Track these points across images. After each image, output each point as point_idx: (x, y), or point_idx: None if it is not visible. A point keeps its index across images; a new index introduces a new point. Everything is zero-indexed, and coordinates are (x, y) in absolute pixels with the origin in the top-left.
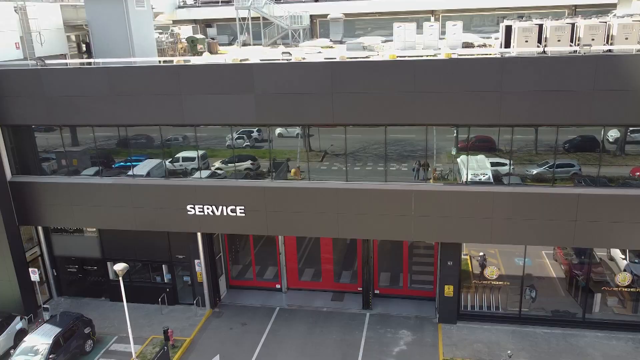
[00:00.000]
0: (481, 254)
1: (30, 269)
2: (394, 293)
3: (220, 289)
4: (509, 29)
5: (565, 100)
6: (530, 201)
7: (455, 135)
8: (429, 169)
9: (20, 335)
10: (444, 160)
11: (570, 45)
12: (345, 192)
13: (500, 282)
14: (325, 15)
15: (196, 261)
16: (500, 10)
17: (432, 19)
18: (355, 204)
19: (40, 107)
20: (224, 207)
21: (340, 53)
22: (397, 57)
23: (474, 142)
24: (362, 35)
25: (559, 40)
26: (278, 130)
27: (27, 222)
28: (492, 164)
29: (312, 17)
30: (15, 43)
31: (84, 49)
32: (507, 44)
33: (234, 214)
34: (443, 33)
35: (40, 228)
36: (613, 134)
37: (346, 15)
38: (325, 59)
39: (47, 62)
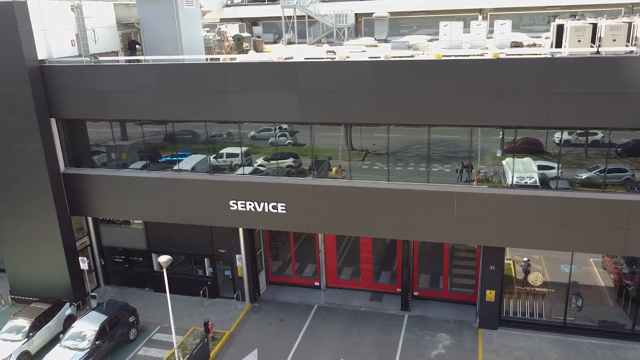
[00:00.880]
0: (525, 259)
1: (80, 258)
2: (434, 295)
3: (260, 284)
4: (560, 28)
5: (620, 103)
6: (579, 207)
7: (500, 136)
8: (473, 171)
9: (69, 320)
10: (489, 162)
11: (627, 46)
12: (386, 192)
13: (544, 289)
14: (371, 14)
15: (237, 256)
16: (551, 9)
17: (480, 17)
18: (396, 204)
19: (93, 102)
20: (266, 204)
21: (384, 52)
22: (443, 56)
23: (521, 144)
24: (408, 34)
25: (614, 40)
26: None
27: (78, 213)
28: (539, 167)
29: (357, 16)
30: (71, 40)
31: (129, 46)
32: (559, 44)
33: (275, 211)
34: (491, 32)
35: (90, 219)
36: None
37: (391, 13)
38: (370, 57)
39: (100, 59)
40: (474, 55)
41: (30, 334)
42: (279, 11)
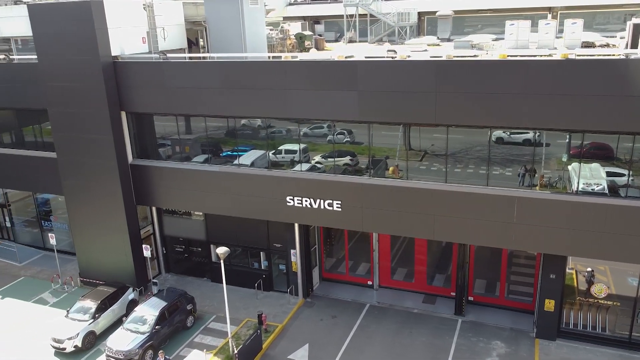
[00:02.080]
0: (589, 269)
1: (143, 246)
2: (489, 302)
3: (314, 280)
4: (637, 28)
5: None
6: None
7: (567, 140)
8: (536, 175)
9: (131, 305)
10: (553, 167)
11: None
12: (444, 193)
13: (609, 302)
14: (434, 12)
15: (292, 251)
16: (628, 7)
17: (549, 16)
18: (454, 207)
19: (161, 97)
20: (322, 201)
21: (446, 51)
22: (508, 56)
23: (589, 149)
24: (472, 33)
25: None
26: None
27: (143, 202)
28: (608, 174)
29: (420, 14)
30: (142, 38)
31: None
32: (635, 44)
33: (331, 208)
34: (560, 32)
35: (154, 208)
36: None
37: (455, 12)
38: (431, 57)
39: (169, 55)
40: (541, 56)
41: (96, 315)
42: (342, 10)
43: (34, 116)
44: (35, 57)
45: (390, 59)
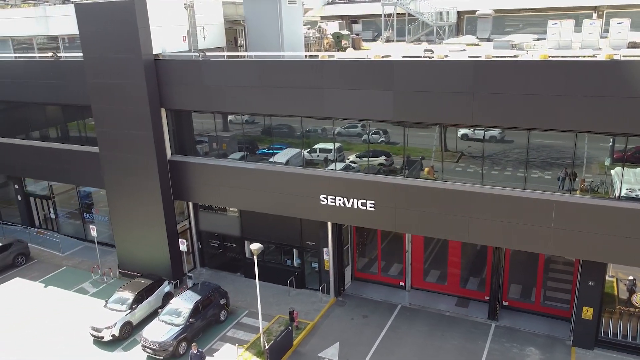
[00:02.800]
0: (630, 277)
1: (179, 240)
2: (524, 307)
3: (345, 279)
4: None
5: None
6: None
7: (610, 144)
8: (577, 179)
9: (167, 297)
10: (595, 171)
11: None
12: (480, 195)
13: None
14: (474, 12)
15: (325, 249)
16: None
17: (595, 15)
18: (489, 209)
19: (199, 94)
20: (355, 200)
21: (486, 51)
22: (550, 57)
23: (634, 153)
24: (512, 33)
25: None
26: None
27: (180, 198)
28: None
29: (459, 14)
30: (183, 36)
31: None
32: None
33: (364, 208)
34: (606, 31)
35: (190, 204)
36: None
37: (496, 11)
38: (469, 57)
39: (208, 54)
40: (584, 57)
41: (133, 306)
42: (379, 9)
43: (79, 112)
44: (81, 54)
45: (428, 58)
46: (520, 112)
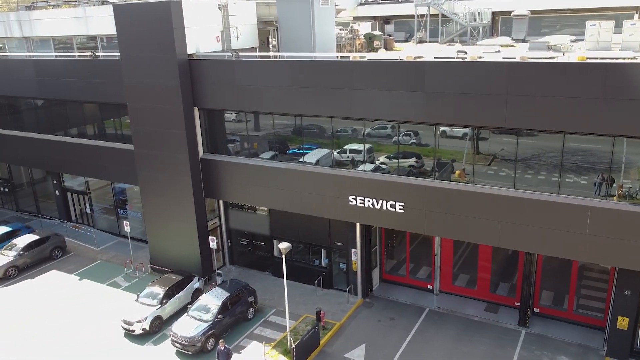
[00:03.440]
0: None
1: (210, 237)
2: (556, 315)
3: (373, 280)
4: None
5: None
6: None
7: None
8: (614, 185)
9: (196, 293)
10: (634, 177)
11: None
12: (512, 200)
13: None
14: (509, 12)
15: (353, 250)
16: None
17: (636, 16)
18: (522, 214)
19: (232, 94)
20: (384, 202)
21: (521, 53)
22: (587, 58)
23: None
24: (549, 34)
25: None
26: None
27: (211, 195)
28: None
29: (494, 14)
30: (216, 37)
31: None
32: None
33: (393, 210)
34: None
35: (221, 202)
36: None
37: (533, 12)
38: (504, 58)
39: (240, 54)
40: (624, 59)
41: (164, 301)
42: (412, 9)
43: (115, 110)
44: (118, 54)
45: (461, 59)
46: (555, 115)
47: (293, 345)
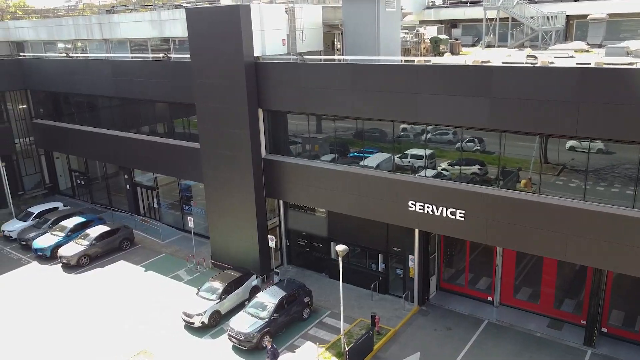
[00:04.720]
0: None
1: (269, 236)
2: (627, 336)
3: (430, 288)
4: None
5: None
6: None
7: None
8: None
9: (254, 291)
10: None
11: None
12: (581, 212)
13: None
14: (585, 16)
15: (410, 256)
16: None
17: None
18: (591, 227)
19: (296, 96)
20: (444, 209)
21: (596, 58)
22: None
23: None
24: (629, 39)
25: None
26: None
27: (272, 195)
28: None
29: (569, 18)
30: (283, 39)
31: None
32: None
33: (453, 217)
34: None
35: (281, 202)
36: None
37: (611, 15)
38: (577, 64)
39: (305, 57)
40: None
41: (223, 296)
42: (481, 13)
43: (183, 109)
44: (188, 56)
45: (530, 65)
46: (631, 124)
47: (347, 349)
